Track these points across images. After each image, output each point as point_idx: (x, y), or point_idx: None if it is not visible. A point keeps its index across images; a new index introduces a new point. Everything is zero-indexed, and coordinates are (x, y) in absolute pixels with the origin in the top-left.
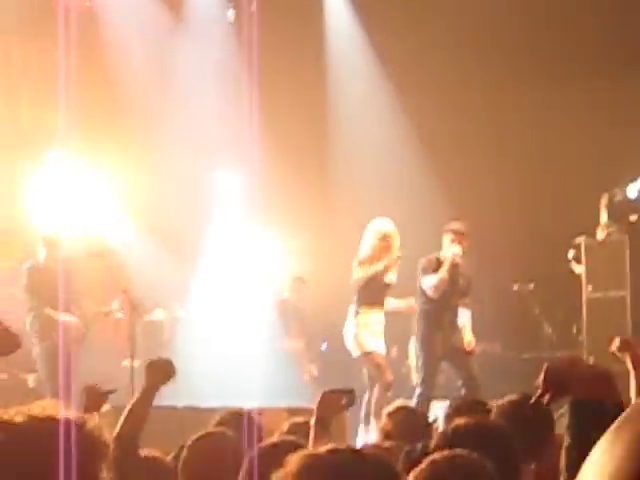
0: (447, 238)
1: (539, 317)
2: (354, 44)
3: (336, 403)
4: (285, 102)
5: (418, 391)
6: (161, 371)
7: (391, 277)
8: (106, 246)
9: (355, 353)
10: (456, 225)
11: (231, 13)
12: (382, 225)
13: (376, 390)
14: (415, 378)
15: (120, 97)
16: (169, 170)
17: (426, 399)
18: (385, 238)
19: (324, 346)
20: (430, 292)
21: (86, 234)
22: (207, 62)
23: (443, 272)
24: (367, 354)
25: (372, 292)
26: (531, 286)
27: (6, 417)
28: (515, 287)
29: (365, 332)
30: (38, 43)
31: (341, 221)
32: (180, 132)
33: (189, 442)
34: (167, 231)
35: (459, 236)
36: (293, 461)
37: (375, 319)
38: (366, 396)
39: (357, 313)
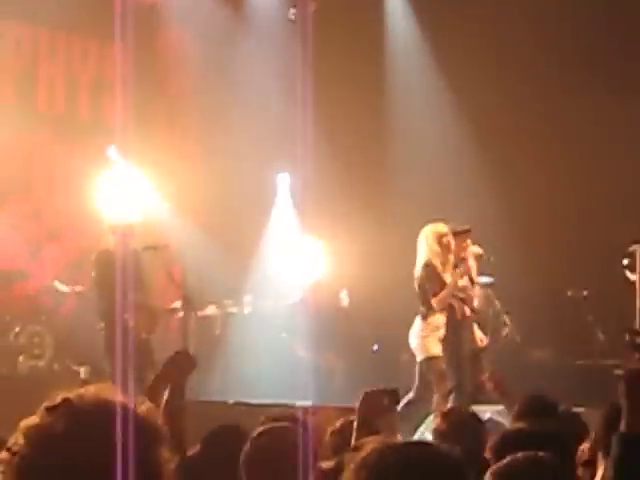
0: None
1: (592, 324)
2: (413, 43)
3: (378, 403)
4: (345, 102)
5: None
6: (183, 364)
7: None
8: (161, 240)
9: (419, 357)
10: (460, 226)
11: (292, 12)
12: (442, 228)
13: (435, 397)
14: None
15: (180, 95)
16: (228, 168)
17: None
18: (447, 241)
19: (375, 347)
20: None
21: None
22: (268, 61)
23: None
24: (431, 359)
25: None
26: (585, 293)
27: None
28: (569, 293)
29: (432, 336)
30: (98, 40)
31: (399, 224)
32: (239, 131)
33: (253, 436)
34: (224, 228)
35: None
36: (367, 451)
37: (443, 323)
38: (407, 397)
39: (425, 317)
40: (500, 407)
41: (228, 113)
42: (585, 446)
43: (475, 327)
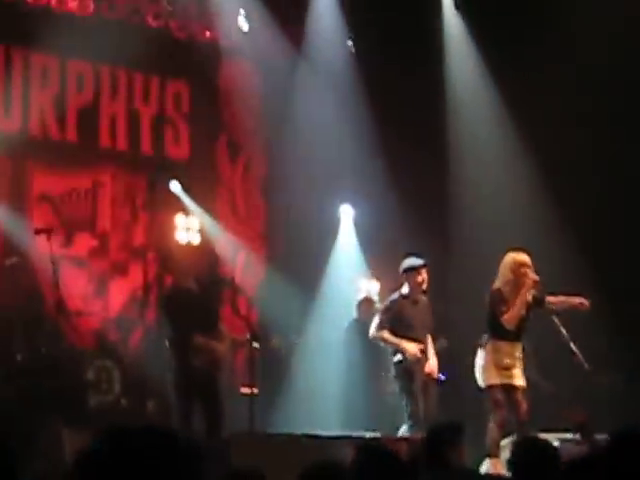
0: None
1: None
2: (474, 72)
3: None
4: (407, 131)
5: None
6: None
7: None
8: (227, 273)
9: (480, 384)
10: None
11: (351, 43)
12: (518, 256)
13: (490, 426)
14: None
15: (241, 129)
16: (291, 200)
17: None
18: (520, 269)
19: (442, 377)
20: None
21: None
22: (329, 92)
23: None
24: (488, 388)
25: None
26: None
27: None
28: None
29: (491, 364)
30: (159, 75)
31: (462, 257)
32: (302, 164)
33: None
34: (287, 259)
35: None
36: None
37: (506, 351)
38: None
39: (486, 344)
40: (566, 435)
41: (290, 146)
42: None
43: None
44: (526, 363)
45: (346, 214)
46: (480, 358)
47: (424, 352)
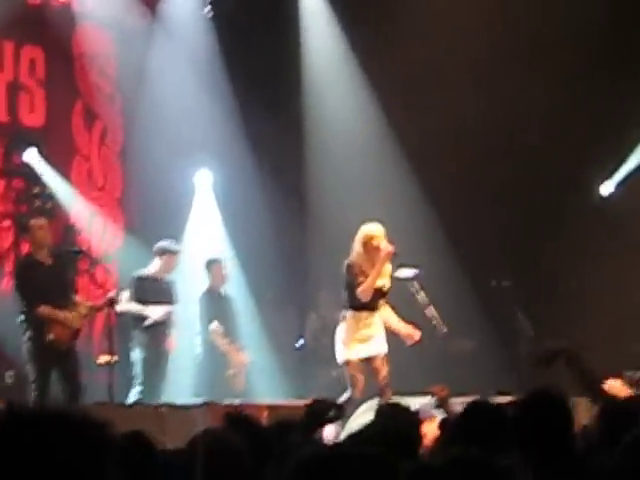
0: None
1: (516, 313)
2: (331, 39)
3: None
4: (264, 96)
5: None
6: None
7: (384, 282)
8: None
9: (338, 360)
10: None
11: (208, 9)
12: (367, 229)
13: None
14: None
15: (97, 95)
16: (147, 167)
17: None
18: (371, 242)
19: (300, 342)
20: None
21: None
22: (185, 59)
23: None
24: (346, 364)
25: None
26: (507, 283)
27: None
28: (493, 283)
29: (350, 338)
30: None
31: (320, 222)
32: (160, 129)
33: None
34: (146, 226)
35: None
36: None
37: (365, 322)
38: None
39: (344, 318)
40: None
41: (147, 112)
42: None
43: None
44: None
45: (204, 179)
46: (340, 331)
47: None
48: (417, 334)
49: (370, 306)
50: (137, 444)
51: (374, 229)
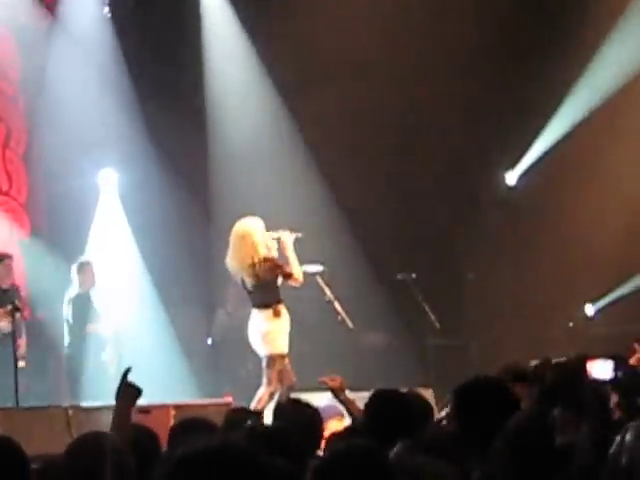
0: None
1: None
2: (231, 35)
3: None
4: (165, 92)
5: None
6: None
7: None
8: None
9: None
10: None
11: (107, 9)
12: (255, 224)
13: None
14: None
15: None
16: (52, 169)
17: None
18: (244, 238)
19: (210, 341)
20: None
21: None
22: (86, 59)
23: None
24: (274, 357)
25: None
26: (414, 275)
27: None
28: (399, 277)
29: (280, 332)
30: None
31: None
32: (63, 131)
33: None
34: (51, 230)
35: None
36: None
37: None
38: None
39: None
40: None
41: (50, 114)
42: None
43: None
44: None
45: (108, 179)
46: (267, 326)
47: None
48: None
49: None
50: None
51: (259, 222)
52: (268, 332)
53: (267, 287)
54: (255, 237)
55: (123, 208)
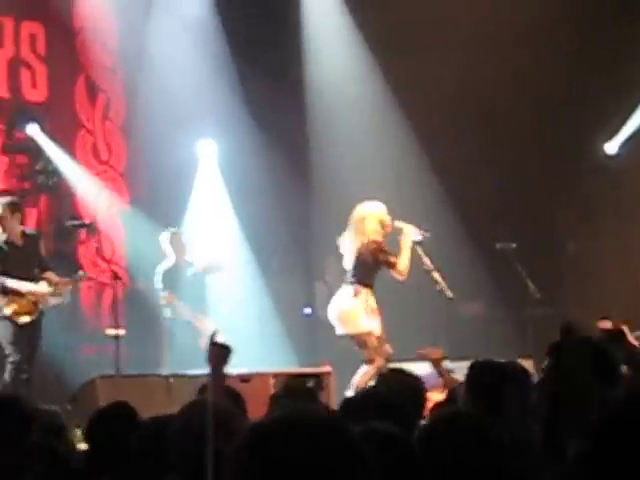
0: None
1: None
2: (333, 10)
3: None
4: (265, 68)
5: None
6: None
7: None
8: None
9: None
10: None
11: None
12: (379, 209)
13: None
14: None
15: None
16: (151, 139)
17: None
18: (384, 222)
19: (308, 310)
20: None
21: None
22: (184, 29)
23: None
24: (367, 334)
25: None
26: (514, 245)
27: None
28: (498, 246)
29: (362, 310)
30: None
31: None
32: (162, 102)
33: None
34: (151, 199)
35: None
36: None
37: (372, 301)
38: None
39: (358, 292)
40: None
41: (149, 85)
42: None
43: None
44: None
45: (207, 149)
46: (355, 303)
47: None
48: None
49: (372, 285)
50: (120, 414)
51: (383, 209)
52: (343, 310)
53: (362, 268)
54: (371, 222)
55: (222, 178)
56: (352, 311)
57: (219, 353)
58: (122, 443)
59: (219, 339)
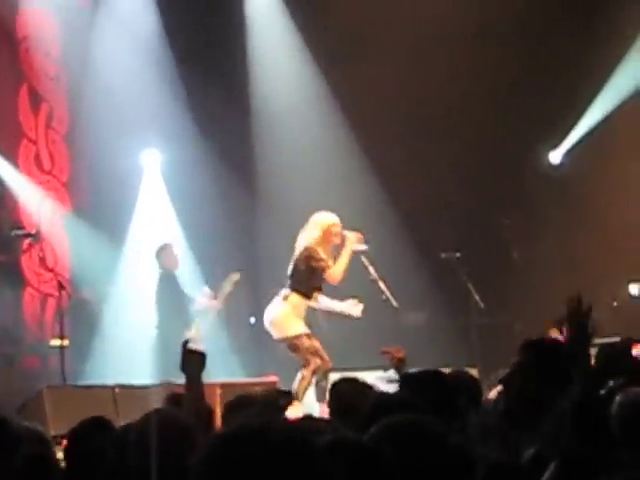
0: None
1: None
2: (275, 12)
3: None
4: (209, 74)
5: None
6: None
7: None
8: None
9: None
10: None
11: None
12: (327, 217)
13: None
14: None
15: (42, 78)
16: (94, 149)
17: None
18: (329, 229)
19: (252, 320)
20: None
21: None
22: (128, 38)
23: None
24: (297, 337)
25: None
26: (457, 254)
27: None
28: (443, 255)
29: (296, 316)
30: None
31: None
32: (106, 110)
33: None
34: (95, 209)
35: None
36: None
37: (302, 310)
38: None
39: (286, 297)
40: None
41: (92, 93)
42: None
43: None
44: None
45: (151, 159)
46: (283, 308)
47: None
48: (360, 307)
49: (309, 294)
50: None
51: (333, 217)
52: (273, 316)
53: (296, 275)
54: (314, 231)
55: (166, 187)
56: (280, 316)
57: (194, 360)
58: (101, 458)
59: (193, 346)
